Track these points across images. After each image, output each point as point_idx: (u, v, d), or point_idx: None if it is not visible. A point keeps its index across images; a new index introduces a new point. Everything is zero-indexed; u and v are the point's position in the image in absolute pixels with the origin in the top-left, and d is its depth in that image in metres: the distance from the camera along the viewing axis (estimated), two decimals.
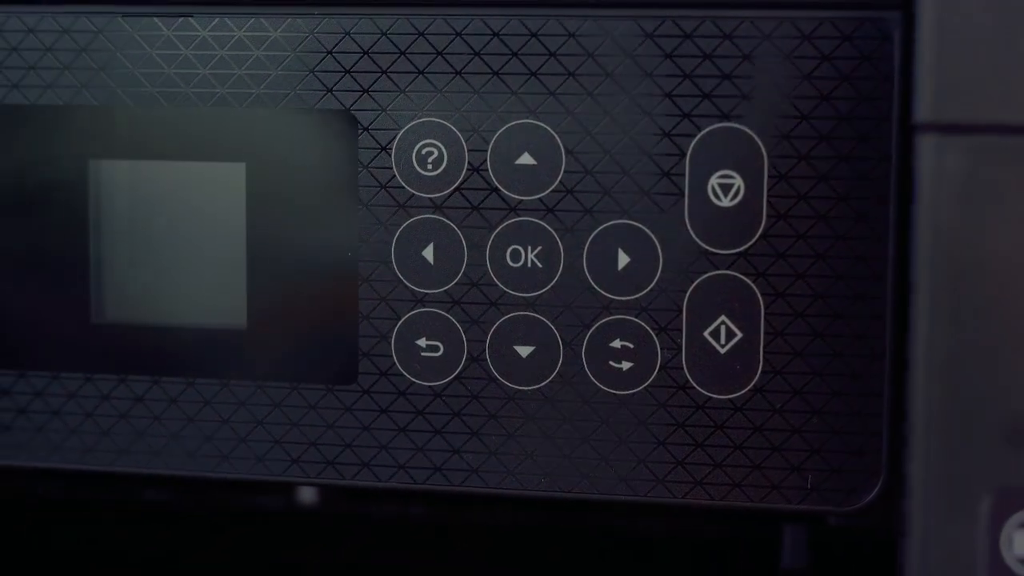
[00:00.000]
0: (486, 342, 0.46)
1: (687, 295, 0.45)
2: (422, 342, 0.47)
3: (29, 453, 0.49)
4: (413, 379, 0.47)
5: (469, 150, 0.46)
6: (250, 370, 0.48)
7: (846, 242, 0.44)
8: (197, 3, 0.47)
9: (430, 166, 0.46)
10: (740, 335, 0.45)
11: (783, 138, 0.44)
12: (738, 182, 0.44)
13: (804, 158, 0.44)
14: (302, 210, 0.47)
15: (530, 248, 0.46)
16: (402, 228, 0.46)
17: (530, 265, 0.46)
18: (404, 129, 0.46)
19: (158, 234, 0.48)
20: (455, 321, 0.46)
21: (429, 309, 0.46)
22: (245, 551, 0.54)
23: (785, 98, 0.44)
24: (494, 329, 0.46)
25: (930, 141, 0.38)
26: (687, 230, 0.45)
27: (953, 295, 0.38)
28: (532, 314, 0.46)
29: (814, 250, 0.44)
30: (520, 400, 0.46)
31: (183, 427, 0.48)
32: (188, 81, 0.47)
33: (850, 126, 0.43)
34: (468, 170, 0.46)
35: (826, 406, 0.44)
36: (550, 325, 0.46)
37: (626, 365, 0.45)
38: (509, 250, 0.46)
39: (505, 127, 0.45)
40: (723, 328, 0.45)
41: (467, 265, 0.46)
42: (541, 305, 0.46)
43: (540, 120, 0.45)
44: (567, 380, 0.46)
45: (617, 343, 0.45)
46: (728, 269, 0.45)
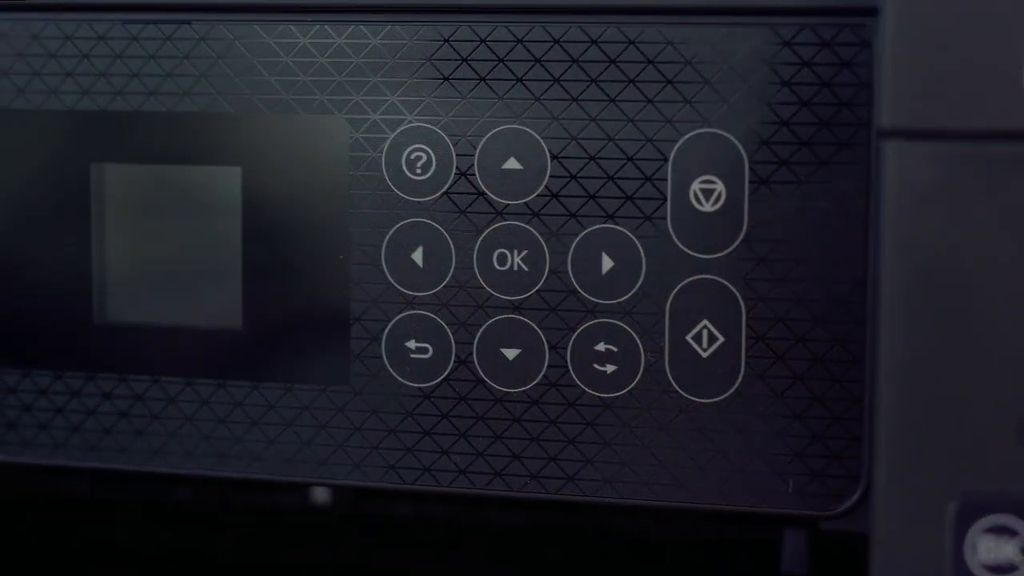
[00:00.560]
0: (474, 344, 0.47)
1: (670, 299, 0.45)
2: (412, 344, 0.47)
3: (34, 450, 0.51)
4: (403, 381, 0.47)
5: (457, 155, 0.46)
6: (246, 371, 0.49)
7: (826, 247, 0.44)
8: (193, 10, 0.48)
9: (419, 170, 0.47)
10: (722, 339, 0.45)
11: (763, 144, 0.44)
12: (719, 187, 0.44)
13: (784, 163, 0.44)
14: (296, 213, 0.48)
15: (516, 252, 0.46)
16: (392, 231, 0.47)
17: (516, 268, 0.46)
18: (394, 134, 0.47)
19: (158, 236, 0.49)
20: (444, 324, 0.47)
21: (418, 312, 0.47)
22: (243, 549, 0.55)
23: (765, 104, 0.44)
24: (481, 332, 0.47)
25: (893, 147, 0.38)
26: (670, 235, 0.45)
27: (916, 301, 0.38)
28: (518, 317, 0.46)
29: (795, 255, 0.44)
30: (507, 402, 0.47)
31: (181, 426, 0.49)
32: (185, 85, 0.48)
33: (830, 132, 0.44)
34: (456, 174, 0.46)
35: (807, 410, 0.44)
36: (536, 328, 0.46)
37: (610, 368, 0.46)
38: (496, 254, 0.46)
39: (492, 132, 0.46)
40: (705, 332, 0.45)
41: (455, 268, 0.47)
42: (527, 308, 0.46)
43: (526, 125, 0.46)
44: (553, 383, 0.46)
45: (601, 346, 0.46)
46: (710, 274, 0.45)
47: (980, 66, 0.38)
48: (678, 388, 0.45)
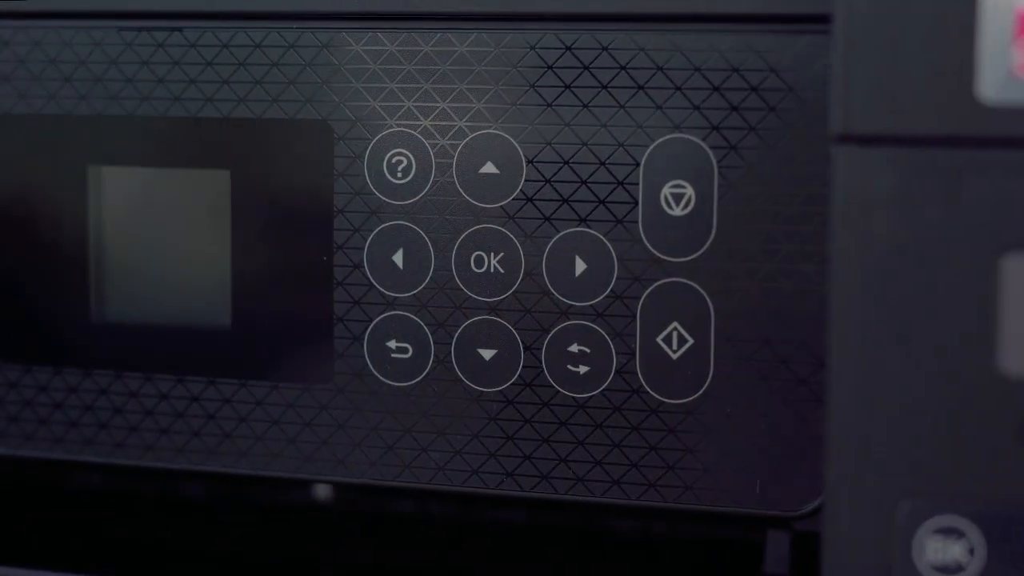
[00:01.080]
0: (452, 345, 0.48)
1: (640, 302, 0.46)
2: (392, 344, 0.48)
3: (34, 444, 0.52)
4: (384, 380, 0.49)
5: (436, 159, 0.47)
6: (235, 369, 0.50)
7: (792, 251, 0.44)
8: (187, 17, 0.50)
9: (400, 174, 0.48)
10: (691, 341, 0.46)
11: (732, 149, 0.45)
12: (689, 191, 0.45)
13: (752, 168, 0.45)
14: (283, 215, 0.49)
15: (493, 254, 0.47)
16: (374, 234, 0.48)
17: (493, 271, 0.47)
18: (376, 139, 0.48)
19: (152, 238, 0.51)
20: (423, 324, 0.48)
21: (399, 312, 0.48)
22: (233, 543, 0.56)
23: (733, 110, 0.45)
24: (459, 332, 0.48)
25: (846, 152, 0.39)
26: (641, 238, 0.46)
27: (867, 305, 0.39)
28: (495, 318, 0.47)
29: (762, 258, 0.45)
30: (483, 401, 0.48)
31: (173, 422, 0.51)
32: (180, 90, 0.49)
33: (796, 137, 0.44)
34: (435, 178, 0.47)
35: (774, 411, 0.45)
36: (512, 329, 0.47)
37: (583, 369, 0.47)
38: (473, 256, 0.47)
39: (469, 137, 0.47)
40: (675, 334, 0.46)
41: (434, 270, 0.48)
42: (503, 310, 0.47)
43: (502, 131, 0.47)
44: (528, 383, 0.47)
45: (575, 347, 0.47)
46: (680, 277, 0.46)
47: (932, 72, 0.38)
48: (649, 389, 0.46)
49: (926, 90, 0.38)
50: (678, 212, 0.45)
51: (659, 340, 0.46)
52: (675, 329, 0.46)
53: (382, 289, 0.48)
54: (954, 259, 0.39)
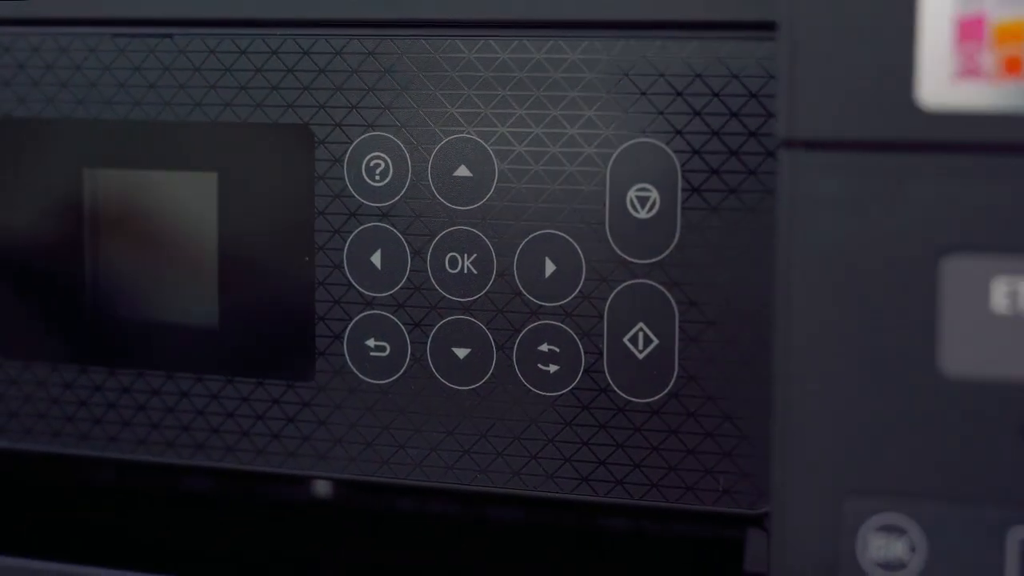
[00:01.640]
0: (427, 344, 0.49)
1: (608, 302, 0.47)
2: (371, 343, 0.50)
3: (34, 438, 0.54)
4: (363, 377, 0.50)
5: (412, 163, 0.48)
6: (222, 366, 0.51)
7: (754, 252, 0.45)
8: (183, 24, 0.51)
9: (378, 177, 0.49)
10: (657, 341, 0.47)
11: (695, 153, 0.46)
12: (654, 195, 0.46)
13: (715, 172, 0.45)
14: (267, 217, 0.50)
15: (466, 255, 0.48)
16: (353, 235, 0.49)
17: (466, 271, 0.48)
18: (355, 142, 0.49)
19: (145, 238, 0.52)
20: (400, 323, 0.49)
21: (377, 312, 0.49)
22: (226, 537, 0.58)
23: (697, 115, 0.45)
24: (434, 332, 0.49)
25: (791, 156, 0.39)
26: (608, 240, 0.47)
27: (811, 305, 0.39)
28: (468, 318, 0.48)
29: (725, 260, 0.46)
30: (457, 399, 0.49)
31: (163, 417, 0.52)
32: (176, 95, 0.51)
33: (758, 142, 0.45)
34: (411, 181, 0.49)
35: (736, 411, 0.46)
36: (484, 329, 0.48)
37: (553, 368, 0.48)
38: (447, 257, 0.48)
39: (444, 141, 0.48)
40: (641, 334, 0.47)
41: (410, 271, 0.49)
42: (476, 310, 0.48)
43: (475, 135, 0.48)
44: (500, 381, 0.48)
45: (545, 347, 0.48)
46: (645, 278, 0.47)
47: (875, 78, 0.39)
48: (616, 388, 0.47)
49: (869, 95, 0.39)
50: (644, 215, 0.46)
51: (626, 340, 0.47)
52: (641, 329, 0.47)
53: (361, 289, 0.49)
54: (897, 261, 0.39)
